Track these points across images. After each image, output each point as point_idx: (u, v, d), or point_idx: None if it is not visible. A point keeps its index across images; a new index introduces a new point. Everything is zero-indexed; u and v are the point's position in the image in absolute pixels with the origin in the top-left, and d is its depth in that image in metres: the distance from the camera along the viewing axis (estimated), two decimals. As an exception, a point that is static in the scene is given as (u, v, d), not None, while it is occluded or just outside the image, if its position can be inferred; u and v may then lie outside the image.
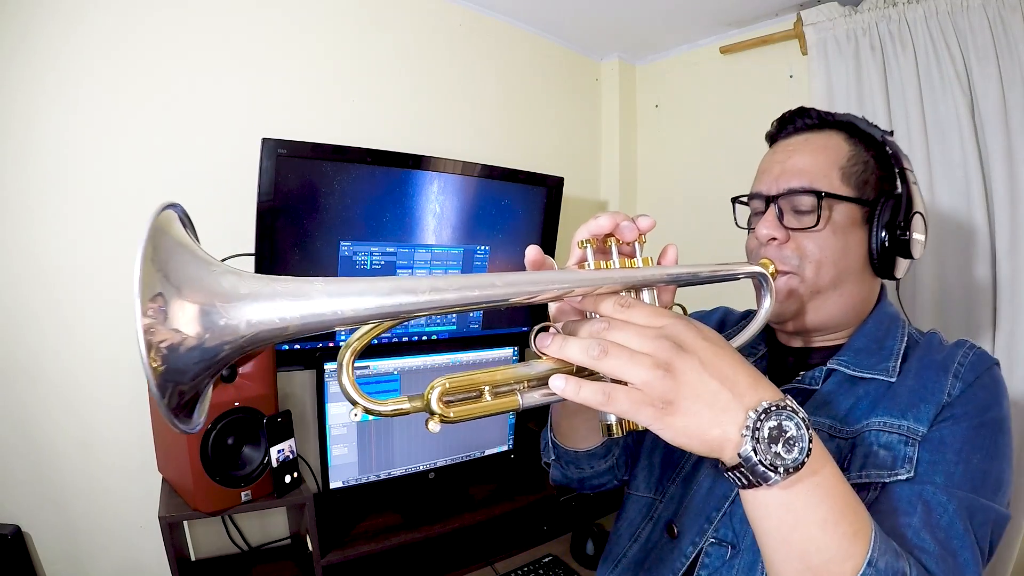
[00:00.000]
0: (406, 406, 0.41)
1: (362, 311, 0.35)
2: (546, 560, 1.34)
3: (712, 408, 0.40)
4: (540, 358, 0.45)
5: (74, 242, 1.13)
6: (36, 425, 1.10)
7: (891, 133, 0.70)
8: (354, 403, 0.39)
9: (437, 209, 1.46)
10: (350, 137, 1.36)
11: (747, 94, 1.80)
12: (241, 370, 1.07)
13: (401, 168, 1.38)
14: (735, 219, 0.77)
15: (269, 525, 1.37)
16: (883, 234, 0.64)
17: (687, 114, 2.00)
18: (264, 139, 1.16)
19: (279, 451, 1.08)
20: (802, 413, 0.42)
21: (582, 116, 2.05)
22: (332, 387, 1.28)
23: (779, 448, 0.39)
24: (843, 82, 1.52)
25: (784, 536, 0.43)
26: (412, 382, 1.37)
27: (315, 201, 1.27)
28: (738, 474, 0.41)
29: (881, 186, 0.67)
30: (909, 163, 0.69)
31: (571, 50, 1.98)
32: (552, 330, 0.46)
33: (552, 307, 0.49)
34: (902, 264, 0.67)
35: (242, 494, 1.05)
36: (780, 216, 0.66)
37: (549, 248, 1.69)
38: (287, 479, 1.10)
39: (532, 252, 0.49)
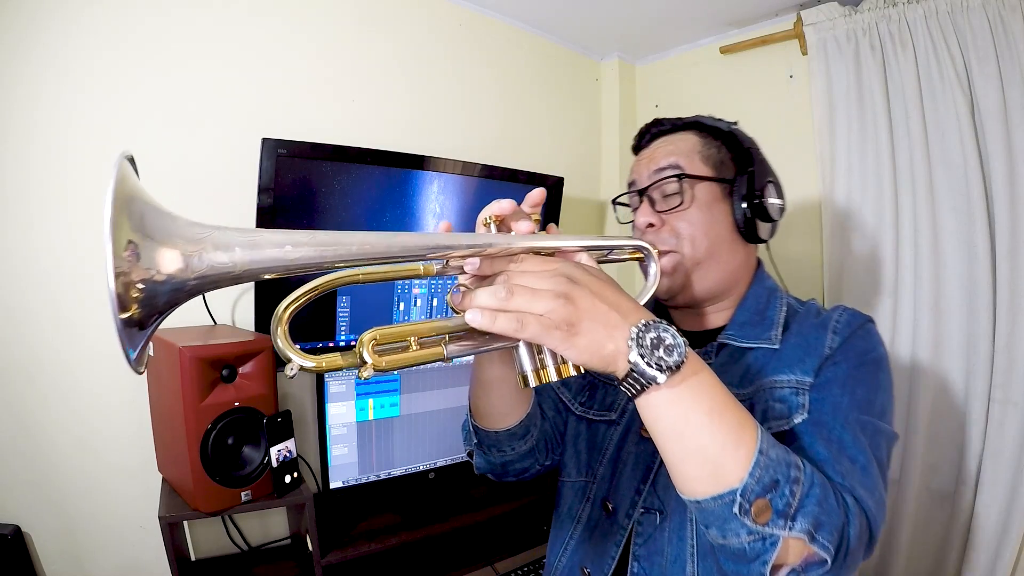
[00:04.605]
0: (339, 361, 0.44)
1: (302, 258, 0.38)
2: (546, 560, 1.34)
3: (606, 327, 0.46)
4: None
5: (74, 241, 1.12)
6: (36, 424, 1.10)
7: (736, 123, 0.80)
8: (288, 359, 0.42)
9: (437, 209, 1.46)
10: (350, 137, 1.36)
11: (747, 94, 1.80)
12: (241, 370, 1.07)
13: (401, 168, 1.38)
14: (617, 219, 0.87)
15: (269, 525, 1.37)
16: (743, 204, 0.74)
17: (687, 114, 1.98)
18: (264, 139, 1.16)
19: (279, 451, 1.08)
20: (675, 329, 0.47)
21: (582, 116, 2.05)
22: (332, 387, 1.28)
23: (661, 352, 0.45)
24: (843, 82, 1.52)
25: (679, 430, 0.48)
26: (412, 382, 1.37)
27: (315, 201, 1.27)
28: (630, 381, 0.46)
29: (735, 166, 0.76)
30: (755, 144, 0.78)
31: (571, 50, 1.98)
32: (462, 288, 0.50)
33: (461, 279, 0.54)
34: (765, 228, 0.75)
35: (242, 494, 1.05)
36: (652, 204, 0.75)
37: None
38: (287, 479, 1.10)
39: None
